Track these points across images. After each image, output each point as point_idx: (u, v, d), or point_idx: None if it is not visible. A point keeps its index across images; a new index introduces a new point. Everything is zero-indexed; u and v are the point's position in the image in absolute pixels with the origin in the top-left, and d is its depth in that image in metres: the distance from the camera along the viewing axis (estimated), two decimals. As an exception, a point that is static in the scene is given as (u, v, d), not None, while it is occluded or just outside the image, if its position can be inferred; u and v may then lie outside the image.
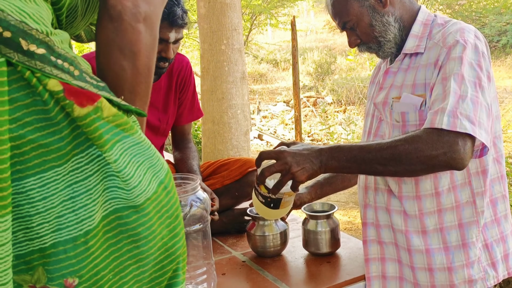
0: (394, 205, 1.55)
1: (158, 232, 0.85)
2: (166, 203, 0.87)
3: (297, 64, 7.85)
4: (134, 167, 0.81)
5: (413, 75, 1.51)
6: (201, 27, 4.42)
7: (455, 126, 1.28)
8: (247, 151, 4.67)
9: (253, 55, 15.87)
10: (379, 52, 1.60)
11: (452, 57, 1.39)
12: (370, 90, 1.77)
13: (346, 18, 1.56)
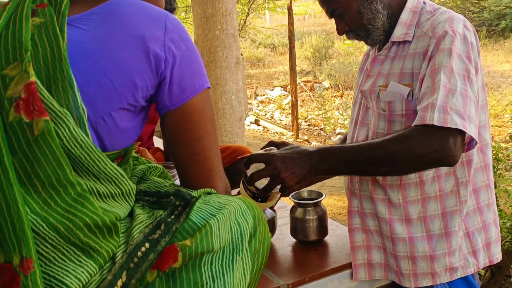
0: (378, 193, 1.55)
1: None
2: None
3: (294, 49, 7.84)
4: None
5: (400, 64, 1.50)
6: (195, 12, 4.39)
7: (446, 122, 1.27)
8: (242, 137, 4.67)
9: (251, 40, 15.81)
10: (367, 40, 1.58)
11: (441, 49, 1.38)
12: (359, 78, 1.76)
13: (334, 5, 1.54)
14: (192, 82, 1.07)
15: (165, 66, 1.04)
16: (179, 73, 1.06)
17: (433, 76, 1.36)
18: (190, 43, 1.09)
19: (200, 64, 1.11)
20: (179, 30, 1.07)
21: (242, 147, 2.27)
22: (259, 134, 8.57)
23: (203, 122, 1.11)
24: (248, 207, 1.06)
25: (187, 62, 1.07)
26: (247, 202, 1.08)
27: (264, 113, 10.26)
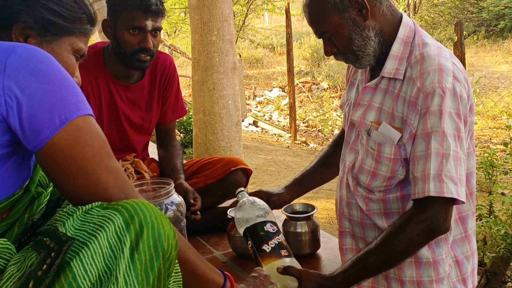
0: (367, 219, 1.58)
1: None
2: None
3: (292, 52, 7.83)
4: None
5: (391, 102, 1.48)
6: (192, 17, 4.40)
7: (442, 191, 1.32)
8: (239, 142, 4.67)
9: (249, 40, 15.80)
10: (356, 64, 1.55)
11: (431, 110, 1.37)
12: (349, 93, 1.72)
13: (324, 29, 1.49)
14: (51, 119, 0.96)
15: (7, 111, 0.95)
16: (30, 114, 0.95)
17: (426, 140, 1.37)
18: (44, 73, 0.98)
19: (64, 92, 0.99)
20: (29, 62, 0.98)
21: (236, 158, 2.29)
22: (257, 136, 8.58)
23: (74, 159, 0.98)
24: (125, 221, 0.94)
25: (41, 97, 0.96)
26: (126, 212, 0.96)
27: (262, 114, 10.26)
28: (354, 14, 1.45)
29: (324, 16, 1.47)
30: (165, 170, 2.26)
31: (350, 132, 1.67)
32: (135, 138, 2.25)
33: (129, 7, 1.95)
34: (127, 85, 2.15)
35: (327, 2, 1.45)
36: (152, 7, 1.96)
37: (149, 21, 1.97)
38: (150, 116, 2.25)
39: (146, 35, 1.98)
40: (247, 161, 6.36)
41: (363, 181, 1.56)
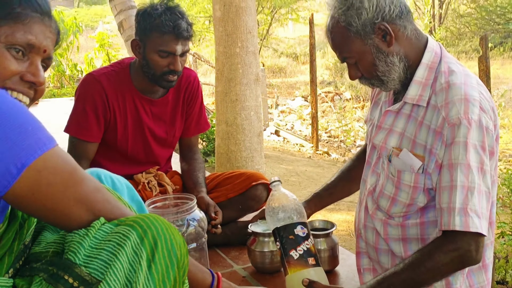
0: (381, 244, 1.59)
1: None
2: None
3: (315, 62, 7.86)
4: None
5: (414, 129, 1.47)
6: (216, 30, 4.46)
7: (468, 226, 1.31)
8: (260, 152, 4.71)
9: (273, 49, 15.86)
10: (381, 88, 1.54)
11: (456, 141, 1.35)
12: (373, 112, 1.71)
13: (347, 54, 1.48)
14: (7, 169, 0.87)
15: None
16: None
17: (451, 171, 1.36)
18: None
19: (17, 136, 0.87)
20: None
21: (256, 173, 2.32)
22: (278, 146, 8.60)
23: (40, 202, 0.92)
24: (140, 236, 0.95)
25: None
26: (139, 227, 0.96)
27: (284, 123, 10.28)
28: (378, 40, 1.43)
29: (347, 42, 1.45)
30: (187, 183, 2.31)
31: (372, 153, 1.67)
32: (159, 151, 2.30)
33: (161, 32, 2.00)
34: (152, 100, 2.20)
35: (349, 30, 1.43)
36: (183, 33, 2.01)
37: (179, 45, 2.02)
38: (174, 130, 2.30)
39: (176, 58, 2.04)
40: (268, 171, 6.38)
41: (383, 206, 1.56)
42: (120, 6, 6.29)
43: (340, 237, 4.83)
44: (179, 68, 2.07)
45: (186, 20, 2.05)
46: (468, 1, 16.49)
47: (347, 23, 1.43)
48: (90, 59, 12.77)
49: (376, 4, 1.41)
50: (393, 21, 1.43)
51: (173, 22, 2.00)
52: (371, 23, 1.42)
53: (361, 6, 1.41)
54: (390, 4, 1.42)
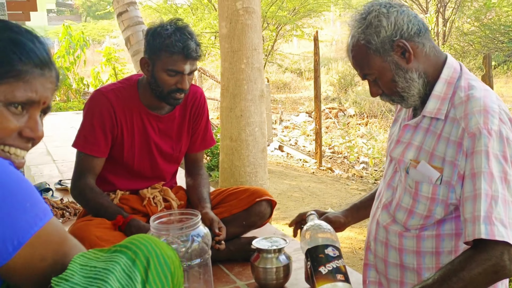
0: (391, 257, 1.60)
1: None
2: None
3: (319, 78, 7.90)
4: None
5: (432, 142, 1.49)
6: (222, 46, 4.51)
7: (494, 234, 1.29)
8: (264, 168, 4.73)
9: (278, 65, 15.95)
10: (402, 104, 1.57)
11: (477, 150, 1.37)
12: (392, 128, 1.75)
13: (367, 71, 1.52)
14: (4, 246, 0.86)
15: None
16: None
17: (473, 181, 1.36)
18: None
19: (15, 211, 0.87)
20: None
21: (260, 189, 2.34)
22: (282, 161, 8.62)
23: (32, 275, 0.92)
24: (130, 258, 0.95)
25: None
26: (128, 250, 0.96)
27: (288, 139, 10.31)
28: (397, 57, 1.47)
29: (367, 60, 1.50)
30: (192, 199, 2.33)
31: (388, 167, 1.70)
32: (165, 167, 2.34)
33: (171, 52, 2.05)
34: (159, 116, 2.24)
35: (369, 48, 1.48)
36: (192, 53, 2.06)
37: (187, 65, 2.07)
38: (180, 146, 2.33)
39: (184, 77, 2.08)
40: (271, 187, 6.40)
41: (399, 218, 1.57)
42: (128, 21, 6.36)
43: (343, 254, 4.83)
44: (187, 87, 2.11)
45: (195, 40, 2.10)
46: (472, 19, 16.56)
47: (366, 41, 1.48)
48: (96, 73, 12.88)
49: (394, 23, 1.46)
50: (412, 38, 1.47)
51: (183, 42, 2.04)
52: (390, 41, 1.46)
53: (379, 24, 1.46)
54: (408, 23, 1.47)
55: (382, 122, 10.47)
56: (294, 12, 12.21)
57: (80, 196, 2.15)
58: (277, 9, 11.50)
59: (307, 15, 13.42)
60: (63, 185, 3.63)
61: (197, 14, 12.47)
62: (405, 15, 1.48)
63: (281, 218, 5.90)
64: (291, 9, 12.14)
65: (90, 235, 1.90)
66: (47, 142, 5.55)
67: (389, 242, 1.60)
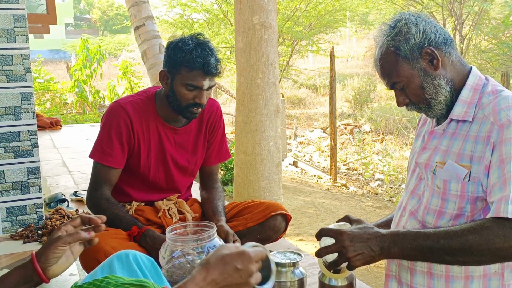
0: (417, 265, 1.57)
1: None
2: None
3: (334, 94, 7.90)
4: None
5: (460, 144, 1.50)
6: (238, 60, 4.54)
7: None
8: (278, 183, 4.72)
9: (293, 80, 15.99)
10: (428, 113, 1.58)
11: (506, 138, 1.38)
12: (415, 144, 1.76)
13: (395, 79, 1.54)
14: None
15: None
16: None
17: (501, 166, 1.36)
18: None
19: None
20: None
21: (275, 203, 2.33)
22: (296, 177, 8.59)
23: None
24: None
25: None
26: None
27: (303, 154, 10.29)
28: (425, 64, 1.51)
29: (396, 67, 1.53)
30: (206, 212, 2.32)
31: (411, 178, 1.69)
32: (180, 179, 2.34)
33: (191, 68, 2.06)
34: (175, 129, 2.24)
35: (398, 54, 1.51)
36: (212, 70, 2.07)
37: (206, 81, 2.08)
38: (195, 158, 2.33)
39: (202, 92, 2.09)
40: (285, 202, 6.37)
41: (429, 221, 1.55)
42: (145, 35, 6.43)
43: (357, 271, 4.78)
44: (204, 102, 2.12)
45: (216, 57, 2.11)
46: (489, 37, 16.48)
47: (396, 47, 1.51)
48: (112, 86, 13.01)
49: (423, 31, 1.51)
50: (439, 46, 1.51)
51: (203, 58, 2.05)
52: (418, 48, 1.50)
53: (408, 31, 1.51)
54: (436, 32, 1.52)
55: (398, 139, 10.41)
56: (310, 27, 12.24)
57: (95, 207, 2.16)
58: (293, 24, 11.54)
59: (323, 31, 13.43)
60: (78, 196, 3.65)
61: (213, 29, 12.56)
62: (432, 24, 1.53)
63: (295, 234, 5.86)
64: (307, 25, 12.17)
65: (106, 246, 1.90)
66: (63, 153, 5.60)
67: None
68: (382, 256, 1.38)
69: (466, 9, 14.03)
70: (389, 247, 1.37)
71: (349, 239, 1.39)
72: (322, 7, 11.77)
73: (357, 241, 1.38)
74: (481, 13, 14.13)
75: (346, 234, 1.40)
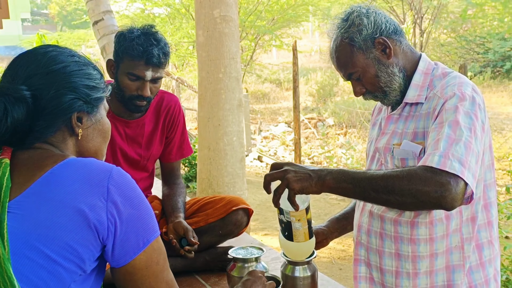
0: (386, 247, 1.60)
1: None
2: None
3: (298, 88, 7.91)
4: None
5: (413, 124, 1.57)
6: (199, 55, 4.48)
7: (445, 166, 1.31)
8: (242, 178, 4.69)
9: (256, 75, 15.98)
10: (384, 100, 1.65)
11: (448, 107, 1.44)
12: (372, 132, 1.82)
13: (351, 70, 1.61)
14: (137, 241, 1.09)
15: (107, 235, 1.06)
16: (122, 238, 1.07)
17: (438, 129, 1.42)
18: (135, 199, 1.10)
19: (147, 217, 1.11)
20: (124, 188, 1.09)
21: (237, 198, 2.31)
22: (261, 171, 8.59)
23: (147, 278, 1.12)
24: None
25: (132, 222, 1.08)
26: None
27: (268, 149, 10.29)
28: (378, 53, 1.58)
29: (351, 58, 1.59)
30: (166, 208, 2.28)
31: (371, 165, 1.74)
32: (131, 173, 2.27)
33: (131, 56, 2.01)
34: (126, 121, 2.19)
35: (353, 46, 1.58)
36: (153, 59, 2.01)
37: (149, 71, 2.03)
38: (149, 153, 2.28)
39: (145, 83, 2.04)
40: (250, 197, 6.35)
41: None
42: (103, 30, 6.30)
43: (322, 264, 4.81)
44: (147, 94, 2.06)
45: (161, 47, 2.05)
46: (448, 30, 16.82)
47: (350, 39, 1.58)
48: (73, 82, 12.72)
49: (374, 22, 1.58)
50: (390, 36, 1.59)
51: (144, 47, 2.00)
52: (371, 38, 1.58)
53: (361, 23, 1.58)
54: (386, 23, 1.59)
55: (361, 132, 10.52)
56: (273, 22, 12.24)
57: None
58: (255, 18, 11.52)
59: (286, 25, 13.47)
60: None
61: (175, 24, 12.44)
62: (382, 15, 1.61)
63: (260, 228, 5.86)
64: (269, 19, 12.16)
65: None
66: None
67: (384, 231, 1.60)
68: (318, 183, 1.39)
69: (425, 3, 14.28)
70: (326, 176, 1.39)
71: (292, 166, 1.43)
72: (284, 1, 11.78)
73: (298, 168, 1.42)
74: (439, 7, 14.40)
75: (291, 163, 1.44)
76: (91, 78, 1.22)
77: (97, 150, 1.25)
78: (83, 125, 1.19)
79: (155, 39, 2.04)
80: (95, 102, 1.23)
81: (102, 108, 1.28)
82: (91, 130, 1.22)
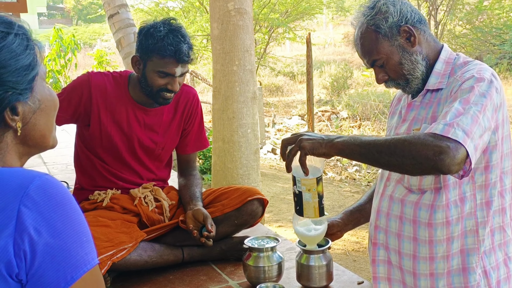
0: (405, 231, 1.62)
1: None
2: None
3: (311, 81, 7.92)
4: None
5: (434, 109, 1.60)
6: (214, 48, 4.50)
7: (448, 132, 1.35)
8: (257, 170, 4.72)
9: (270, 68, 15.96)
10: (406, 88, 1.67)
11: (464, 87, 1.47)
12: (390, 121, 1.85)
13: (376, 56, 1.63)
14: (57, 279, 0.84)
15: (18, 272, 0.82)
16: (36, 275, 0.83)
17: (449, 105, 1.45)
18: (58, 223, 0.85)
19: (74, 246, 0.86)
20: (43, 209, 0.84)
21: (252, 188, 2.33)
22: (275, 164, 8.61)
23: None
24: None
25: (50, 254, 0.84)
26: None
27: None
28: (403, 41, 1.61)
29: (376, 44, 1.62)
30: (183, 197, 2.32)
31: None
32: (146, 160, 2.31)
33: (162, 55, 2.05)
34: (146, 109, 2.24)
35: (378, 32, 1.61)
36: (184, 57, 2.06)
37: (179, 68, 2.08)
38: (164, 142, 2.31)
39: (174, 79, 2.09)
40: (264, 189, 6.38)
41: (414, 184, 1.61)
42: (119, 24, 6.34)
43: (336, 256, 4.83)
44: (177, 89, 2.13)
45: (188, 43, 2.10)
46: (463, 22, 16.65)
47: (376, 26, 1.61)
48: (88, 76, 12.80)
49: (400, 10, 1.61)
50: (415, 25, 1.62)
51: (175, 46, 2.05)
52: (397, 26, 1.61)
53: (387, 11, 1.61)
54: (411, 12, 1.63)
55: (375, 124, 10.50)
56: (286, 14, 12.21)
57: None
58: (269, 11, 11.50)
59: (300, 18, 13.42)
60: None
61: (189, 17, 12.46)
62: (408, 5, 1.64)
63: (274, 220, 5.89)
64: (283, 12, 12.14)
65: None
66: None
67: (404, 215, 1.62)
68: (328, 145, 1.48)
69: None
70: (336, 138, 1.49)
71: (309, 133, 1.53)
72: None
73: (314, 135, 1.51)
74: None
75: (309, 132, 1.52)
76: (17, 58, 0.93)
77: (44, 133, 1.01)
78: (20, 116, 0.95)
79: (182, 35, 2.09)
80: (29, 84, 0.96)
81: (39, 80, 0.98)
82: (32, 116, 0.97)
